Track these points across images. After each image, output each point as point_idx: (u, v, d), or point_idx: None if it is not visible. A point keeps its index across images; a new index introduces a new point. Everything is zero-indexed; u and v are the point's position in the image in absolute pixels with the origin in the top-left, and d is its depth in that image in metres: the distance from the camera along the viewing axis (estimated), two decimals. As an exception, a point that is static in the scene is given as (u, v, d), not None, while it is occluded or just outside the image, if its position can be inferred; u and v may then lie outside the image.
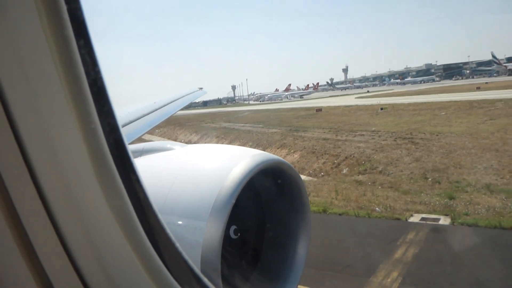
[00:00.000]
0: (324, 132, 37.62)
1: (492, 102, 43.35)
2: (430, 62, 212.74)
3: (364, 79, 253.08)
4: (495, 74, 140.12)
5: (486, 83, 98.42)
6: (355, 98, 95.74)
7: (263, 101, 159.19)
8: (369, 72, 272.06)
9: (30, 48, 0.81)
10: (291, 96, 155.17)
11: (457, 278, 9.74)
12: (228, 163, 1.83)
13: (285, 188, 2.09)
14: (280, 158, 1.99)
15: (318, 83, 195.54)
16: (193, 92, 11.01)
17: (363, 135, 32.92)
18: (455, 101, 49.90)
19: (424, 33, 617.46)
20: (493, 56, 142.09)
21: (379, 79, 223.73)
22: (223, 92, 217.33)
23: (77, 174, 0.92)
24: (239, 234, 2.01)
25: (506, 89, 62.17)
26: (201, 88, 11.69)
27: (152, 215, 1.06)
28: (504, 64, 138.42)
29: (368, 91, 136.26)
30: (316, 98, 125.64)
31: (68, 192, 0.92)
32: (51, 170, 0.90)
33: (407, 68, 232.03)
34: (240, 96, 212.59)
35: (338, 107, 66.05)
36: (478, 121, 32.29)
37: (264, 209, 2.18)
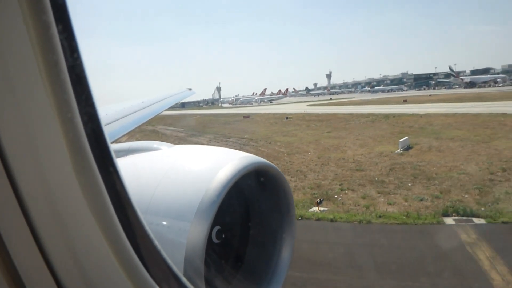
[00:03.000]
0: (210, 138, 44.90)
1: (378, 115, 51.66)
2: (406, 71, 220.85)
3: (344, 85, 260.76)
4: (456, 86, 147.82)
5: (430, 95, 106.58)
6: (306, 105, 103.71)
7: (235, 104, 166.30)
8: (353, 78, 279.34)
9: (7, 31, 0.78)
10: (261, 101, 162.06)
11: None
12: (214, 165, 1.84)
13: (271, 190, 2.10)
14: (267, 161, 2.01)
15: (287, 89, 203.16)
16: (181, 92, 11.12)
17: (232, 141, 40.22)
18: (351, 114, 57.91)
19: (415, 42, 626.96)
20: (451, 69, 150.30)
21: (356, 86, 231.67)
22: (211, 94, 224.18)
23: (54, 165, 0.88)
24: (223, 236, 2.00)
25: (426, 103, 70.92)
26: (190, 89, 11.81)
27: (132, 213, 1.04)
28: (461, 77, 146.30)
29: (330, 99, 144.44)
30: (279, 104, 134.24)
31: (43, 182, 0.88)
32: (26, 160, 0.87)
33: (384, 76, 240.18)
34: (223, 98, 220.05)
35: (267, 114, 74.01)
36: (320, 132, 40.21)
37: (249, 211, 2.19)
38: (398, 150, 26.10)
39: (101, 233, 0.93)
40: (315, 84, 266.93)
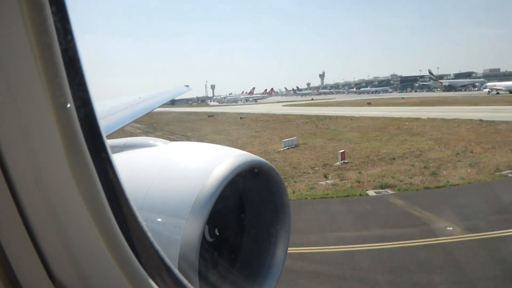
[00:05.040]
0: (159, 135, 50.34)
1: (319, 117, 57.54)
2: (396, 74, 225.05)
3: (335, 86, 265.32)
4: (437, 89, 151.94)
5: (402, 98, 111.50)
6: (281, 105, 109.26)
7: (222, 103, 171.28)
8: (343, 79, 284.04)
9: (2, 15, 0.77)
10: (246, 100, 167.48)
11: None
12: (210, 162, 1.84)
13: (266, 188, 2.11)
14: (263, 159, 2.01)
15: (272, 89, 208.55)
16: (178, 88, 11.21)
17: (172, 138, 45.55)
18: (301, 115, 63.47)
19: (410, 44, 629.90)
20: (430, 73, 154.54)
21: (347, 87, 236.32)
22: (204, 91, 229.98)
23: (47, 155, 0.87)
24: (218, 232, 2.03)
25: (385, 106, 76.36)
26: (187, 86, 11.90)
27: (127, 207, 1.03)
28: (440, 81, 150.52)
29: (312, 99, 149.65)
30: (262, 104, 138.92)
31: (36, 172, 0.88)
32: (19, 150, 0.86)
33: (374, 77, 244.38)
34: (217, 96, 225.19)
35: (232, 113, 79.63)
36: (249, 132, 45.41)
37: (244, 209, 2.20)
38: (281, 149, 31.28)
39: (95, 228, 0.92)
40: (308, 84, 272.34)
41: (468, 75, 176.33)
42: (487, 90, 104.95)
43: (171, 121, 69.84)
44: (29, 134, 0.85)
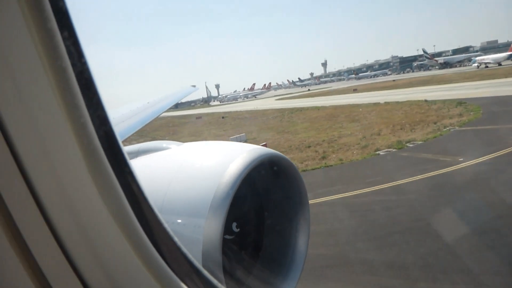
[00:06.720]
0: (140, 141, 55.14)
1: (292, 109, 61.26)
2: (397, 55, 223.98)
3: (338, 73, 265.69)
4: (435, 67, 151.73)
5: (393, 80, 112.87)
6: (274, 100, 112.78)
7: (222, 102, 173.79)
8: (343, 65, 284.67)
9: (14, 43, 0.80)
10: (245, 97, 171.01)
11: None
12: (224, 159, 1.85)
13: (282, 181, 2.12)
14: (277, 152, 2.02)
15: (270, 84, 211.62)
16: (185, 89, 11.50)
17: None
18: (279, 109, 67.22)
19: (411, 24, 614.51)
20: (424, 52, 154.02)
21: (346, 74, 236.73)
22: (206, 92, 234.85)
23: (70, 171, 0.90)
24: (239, 229, 2.04)
25: (377, 90, 78.07)
26: (194, 86, 12.22)
27: (149, 211, 1.06)
28: (435, 59, 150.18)
29: (308, 90, 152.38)
30: (260, 99, 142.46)
31: (62, 191, 0.91)
32: (43, 169, 0.89)
33: (375, 61, 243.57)
34: (221, 95, 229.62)
35: (221, 113, 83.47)
36: (218, 131, 49.56)
37: (262, 202, 2.21)
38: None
39: (121, 233, 0.95)
40: (312, 74, 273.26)
41: (465, 49, 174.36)
42: (476, 64, 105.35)
43: (160, 126, 74.60)
44: (48, 148, 0.88)
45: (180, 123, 76.07)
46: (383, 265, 9.60)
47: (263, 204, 2.23)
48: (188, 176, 1.89)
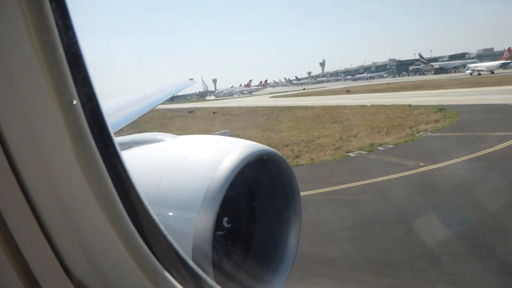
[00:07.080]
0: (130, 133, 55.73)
1: (282, 108, 61.98)
2: (394, 58, 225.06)
3: (335, 74, 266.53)
4: (430, 72, 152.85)
5: (388, 83, 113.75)
6: (268, 97, 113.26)
7: (218, 97, 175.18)
8: (347, 65, 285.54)
9: (12, 40, 0.78)
10: (241, 93, 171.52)
11: None
12: (219, 154, 1.86)
13: (275, 177, 2.14)
14: (271, 149, 2.04)
15: (266, 81, 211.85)
16: (183, 82, 11.46)
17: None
18: (269, 107, 67.73)
19: (411, 26, 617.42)
20: (420, 56, 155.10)
21: (343, 74, 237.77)
22: (202, 86, 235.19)
23: (59, 159, 0.89)
24: (231, 223, 2.06)
25: (369, 93, 79.20)
26: (191, 79, 12.31)
27: (139, 203, 1.06)
28: (431, 64, 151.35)
29: (304, 89, 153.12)
30: (255, 96, 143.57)
31: (47, 172, 0.89)
32: (31, 155, 0.88)
33: (373, 63, 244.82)
34: (219, 89, 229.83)
35: (213, 108, 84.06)
36: (206, 126, 50.22)
37: (255, 198, 2.23)
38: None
39: (109, 224, 0.94)
40: (309, 73, 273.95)
41: (461, 56, 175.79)
42: (469, 71, 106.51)
43: (151, 118, 74.95)
44: (37, 134, 0.86)
45: (172, 116, 76.51)
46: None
47: (256, 199, 2.26)
48: (182, 169, 1.90)
